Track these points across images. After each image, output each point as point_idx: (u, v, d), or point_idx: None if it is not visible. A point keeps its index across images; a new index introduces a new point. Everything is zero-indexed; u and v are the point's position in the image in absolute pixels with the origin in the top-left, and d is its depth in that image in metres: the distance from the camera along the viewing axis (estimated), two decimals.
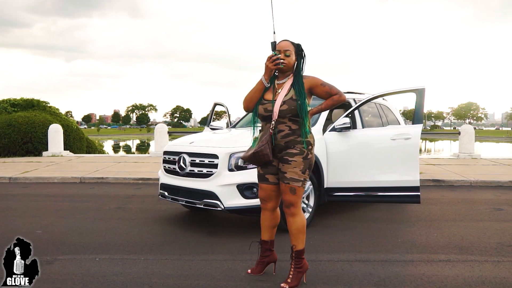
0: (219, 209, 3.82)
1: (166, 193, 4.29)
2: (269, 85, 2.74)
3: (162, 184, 4.40)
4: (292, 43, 2.76)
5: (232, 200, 3.80)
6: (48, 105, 14.17)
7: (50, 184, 7.19)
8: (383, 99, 5.78)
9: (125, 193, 6.33)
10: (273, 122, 2.71)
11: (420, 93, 4.38)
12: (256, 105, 2.78)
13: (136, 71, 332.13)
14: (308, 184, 4.17)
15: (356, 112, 4.95)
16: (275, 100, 2.70)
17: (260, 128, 2.88)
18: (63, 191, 6.51)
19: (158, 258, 3.32)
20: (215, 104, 6.39)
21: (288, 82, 2.74)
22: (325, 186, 4.40)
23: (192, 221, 4.60)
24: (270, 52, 2.67)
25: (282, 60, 2.66)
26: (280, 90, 2.73)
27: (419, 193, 4.31)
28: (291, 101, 2.67)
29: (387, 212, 5.00)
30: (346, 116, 4.57)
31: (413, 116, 4.45)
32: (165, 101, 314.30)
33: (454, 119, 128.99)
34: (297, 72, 2.75)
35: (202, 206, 3.93)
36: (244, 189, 3.79)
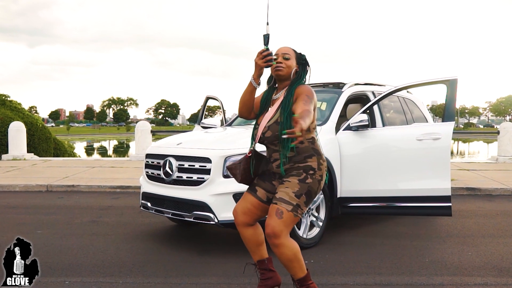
0: (212, 222, 3.83)
1: (149, 204, 4.30)
2: (259, 86, 2.73)
3: (144, 193, 4.41)
4: (293, 50, 2.78)
5: (228, 212, 3.79)
6: (8, 99, 14.21)
7: (10, 193, 7.20)
8: (408, 91, 5.79)
9: (100, 203, 6.33)
10: (253, 145, 2.77)
11: (451, 85, 4.38)
12: (253, 128, 2.82)
13: (113, 58, 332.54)
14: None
15: (376, 107, 4.96)
16: (260, 124, 2.74)
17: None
18: (26, 202, 6.51)
19: (139, 282, 3.32)
20: (207, 98, 6.40)
21: (280, 99, 2.73)
22: (338, 196, 4.40)
23: (180, 237, 4.60)
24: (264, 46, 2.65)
25: (275, 57, 2.67)
26: (270, 109, 2.76)
27: (450, 204, 4.32)
28: (275, 125, 2.67)
29: (412, 227, 5.00)
30: (364, 112, 4.58)
31: (443, 112, 4.46)
32: (147, 94, 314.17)
33: (492, 115, 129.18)
34: (293, 82, 2.73)
35: (191, 220, 3.94)
36: None
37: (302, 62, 2.78)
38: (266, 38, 2.63)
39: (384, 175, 4.45)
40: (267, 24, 2.65)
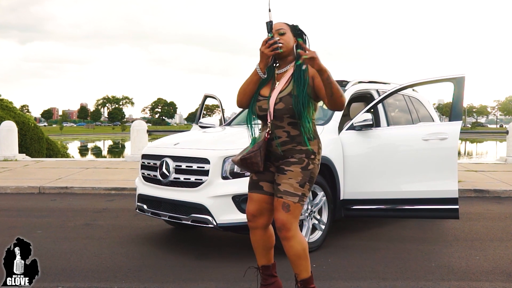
0: (210, 226, 3.83)
1: (145, 206, 4.30)
2: (265, 76, 2.71)
3: (140, 195, 4.41)
4: (286, 23, 2.79)
5: (227, 215, 3.80)
6: None
7: (1, 195, 7.20)
8: (414, 90, 5.79)
9: (94, 206, 6.34)
10: (268, 124, 2.72)
11: (459, 83, 4.38)
12: (253, 100, 2.78)
13: (108, 55, 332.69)
14: (321, 195, 4.18)
15: (380, 106, 4.96)
16: (270, 96, 2.70)
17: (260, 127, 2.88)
18: (18, 204, 6.52)
19: (135, 287, 3.32)
20: (206, 97, 6.40)
21: (290, 71, 2.73)
22: (341, 198, 4.40)
23: (177, 240, 4.60)
24: (266, 35, 2.63)
25: (280, 44, 2.63)
26: (278, 82, 2.73)
27: (457, 206, 4.32)
28: (289, 97, 2.66)
29: (417, 230, 5.00)
30: (368, 111, 4.58)
31: (450, 111, 4.46)
32: (143, 92, 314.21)
33: (500, 114, 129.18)
34: (298, 56, 2.72)
35: (189, 223, 3.94)
36: (242, 201, 3.79)
37: (298, 32, 2.79)
38: (269, 25, 2.60)
39: (388, 177, 4.45)
40: (269, 10, 2.63)
